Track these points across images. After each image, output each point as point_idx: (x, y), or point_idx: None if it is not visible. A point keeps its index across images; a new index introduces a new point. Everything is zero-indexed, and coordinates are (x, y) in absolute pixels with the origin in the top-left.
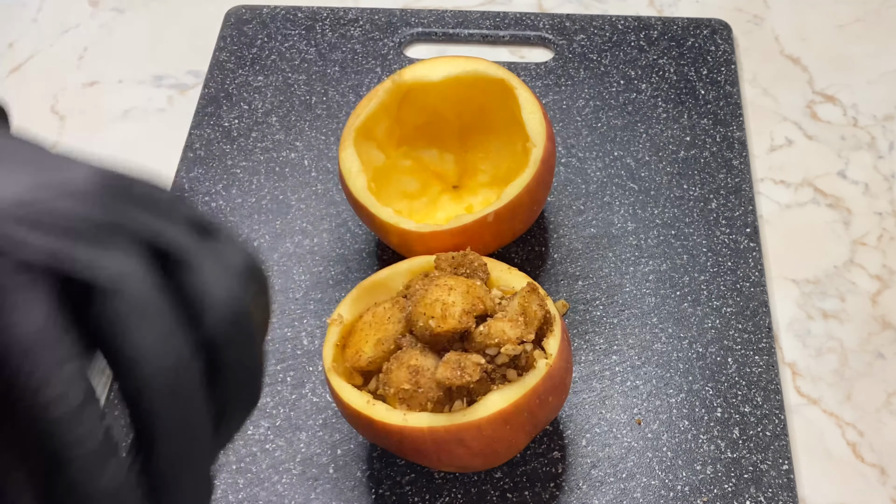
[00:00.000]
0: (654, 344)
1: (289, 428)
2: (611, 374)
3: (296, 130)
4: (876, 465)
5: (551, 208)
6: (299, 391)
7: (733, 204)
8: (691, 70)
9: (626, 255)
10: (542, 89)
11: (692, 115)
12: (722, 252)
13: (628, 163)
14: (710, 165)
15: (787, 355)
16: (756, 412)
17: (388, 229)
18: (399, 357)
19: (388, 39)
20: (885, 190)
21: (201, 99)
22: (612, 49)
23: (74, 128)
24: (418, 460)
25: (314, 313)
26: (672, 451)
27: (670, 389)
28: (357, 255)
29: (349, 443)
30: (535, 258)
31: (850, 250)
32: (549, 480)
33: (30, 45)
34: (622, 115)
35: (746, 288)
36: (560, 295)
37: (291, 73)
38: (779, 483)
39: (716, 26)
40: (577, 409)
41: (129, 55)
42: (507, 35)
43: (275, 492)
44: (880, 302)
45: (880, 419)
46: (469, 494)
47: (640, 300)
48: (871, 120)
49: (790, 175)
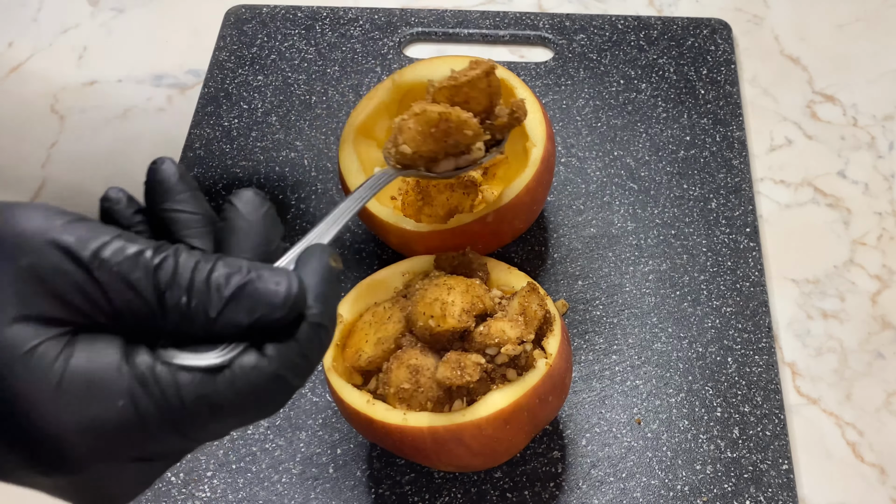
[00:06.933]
0: (654, 344)
1: (289, 427)
2: (610, 374)
3: (295, 130)
4: (876, 465)
5: (551, 208)
6: (299, 391)
7: (733, 204)
8: (691, 70)
9: (625, 255)
10: (542, 89)
11: (692, 115)
12: (722, 252)
13: (628, 162)
14: (710, 165)
15: (786, 355)
16: (756, 412)
17: (388, 229)
18: (399, 357)
19: (387, 39)
20: (885, 190)
21: (201, 99)
22: (612, 49)
23: (74, 127)
24: (418, 460)
25: None
26: (672, 450)
27: (670, 389)
28: (357, 255)
29: (349, 442)
30: (535, 258)
31: (850, 250)
32: (549, 480)
33: (30, 45)
34: (622, 114)
35: (746, 288)
36: (560, 295)
37: (291, 72)
38: (778, 483)
39: (716, 26)
40: (576, 408)
41: (129, 55)
42: (507, 35)
43: (275, 491)
44: (880, 302)
45: (880, 419)
46: (469, 494)
47: (640, 300)
48: (870, 120)
49: (790, 175)
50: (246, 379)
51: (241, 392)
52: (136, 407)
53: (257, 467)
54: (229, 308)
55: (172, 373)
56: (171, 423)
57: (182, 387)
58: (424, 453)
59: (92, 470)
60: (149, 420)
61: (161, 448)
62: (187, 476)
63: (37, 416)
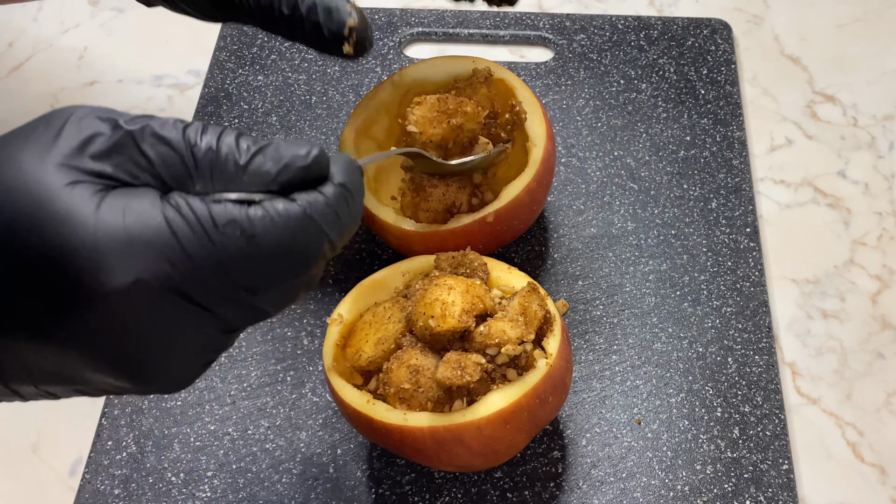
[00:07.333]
0: (654, 344)
1: (289, 427)
2: (611, 374)
3: (296, 130)
4: (876, 465)
5: (551, 208)
6: (299, 391)
7: (733, 204)
8: (691, 70)
9: (626, 255)
10: (542, 89)
11: (692, 115)
12: (722, 252)
13: (628, 162)
14: (710, 165)
15: (786, 355)
16: (756, 412)
17: (388, 229)
18: (399, 357)
19: (387, 39)
20: (885, 190)
21: (201, 98)
22: (612, 49)
23: None
24: (418, 460)
25: (314, 313)
26: (672, 450)
27: (670, 389)
28: (357, 254)
29: (349, 442)
30: (535, 258)
31: (850, 250)
32: (549, 480)
33: (30, 45)
34: (622, 114)
35: (746, 288)
36: (560, 295)
37: (291, 72)
38: (779, 483)
39: (716, 26)
40: (577, 408)
41: (130, 55)
42: (507, 35)
43: (275, 491)
44: (880, 302)
45: (880, 419)
46: (469, 494)
47: (640, 300)
48: (870, 120)
49: (790, 175)
50: (276, 211)
51: (274, 223)
52: (170, 224)
53: (257, 467)
54: (256, 159)
55: (205, 202)
56: (208, 250)
57: (215, 212)
58: (425, 453)
59: (138, 308)
60: (184, 239)
61: (205, 289)
62: (188, 476)
63: (75, 236)
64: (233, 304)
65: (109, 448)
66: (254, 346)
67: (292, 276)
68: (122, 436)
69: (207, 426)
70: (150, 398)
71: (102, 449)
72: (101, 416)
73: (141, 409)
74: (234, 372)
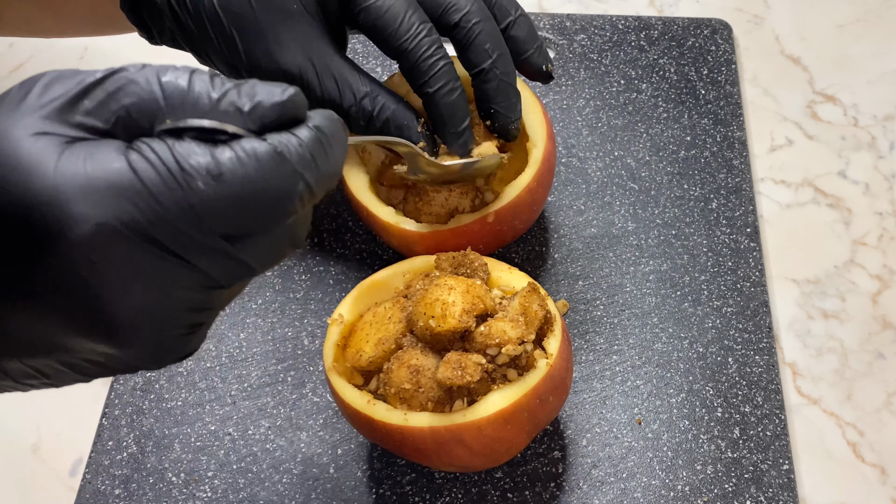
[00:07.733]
0: (655, 344)
1: (289, 428)
2: (611, 374)
3: None
4: (876, 465)
5: (551, 208)
6: (300, 391)
7: (734, 204)
8: (692, 70)
9: (626, 255)
10: (543, 89)
11: (692, 115)
12: (722, 252)
13: (629, 163)
14: (711, 165)
15: (787, 355)
16: (756, 412)
17: (388, 229)
18: (399, 357)
19: None
20: (886, 190)
21: None
22: (613, 49)
23: None
24: (419, 460)
25: (315, 313)
26: (672, 450)
27: (671, 389)
28: (357, 255)
29: (349, 443)
30: (535, 258)
31: (851, 250)
32: (550, 480)
33: (30, 45)
34: (622, 115)
35: (747, 288)
36: (560, 295)
37: None
38: (779, 483)
39: (716, 26)
40: (577, 409)
41: (130, 55)
42: None
43: (275, 491)
44: (880, 302)
45: (880, 419)
46: (469, 494)
47: (641, 300)
48: (871, 120)
49: (790, 175)
50: (242, 149)
51: (241, 161)
52: (132, 165)
53: (258, 467)
54: (231, 93)
55: (167, 142)
56: (175, 193)
57: (177, 150)
58: (425, 453)
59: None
60: (147, 180)
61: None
62: (188, 476)
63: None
64: (210, 253)
65: (110, 448)
66: (254, 347)
67: (269, 220)
68: (123, 436)
69: (208, 426)
70: (151, 398)
71: (103, 449)
72: (102, 416)
73: (141, 409)
74: (235, 372)
